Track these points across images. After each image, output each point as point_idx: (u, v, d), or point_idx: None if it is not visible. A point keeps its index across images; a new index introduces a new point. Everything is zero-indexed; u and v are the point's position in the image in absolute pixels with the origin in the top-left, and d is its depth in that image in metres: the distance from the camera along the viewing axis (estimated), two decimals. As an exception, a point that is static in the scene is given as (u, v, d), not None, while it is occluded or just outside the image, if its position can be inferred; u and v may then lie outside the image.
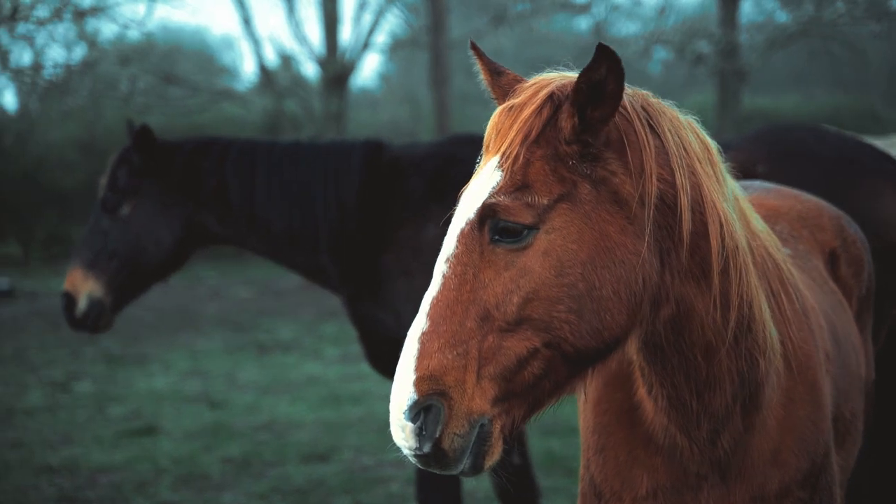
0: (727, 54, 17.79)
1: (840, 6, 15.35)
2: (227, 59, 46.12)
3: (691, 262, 3.02)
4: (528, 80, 3.08)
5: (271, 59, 33.54)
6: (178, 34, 39.22)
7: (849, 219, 4.38)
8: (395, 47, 28.42)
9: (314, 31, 69.77)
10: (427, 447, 2.77)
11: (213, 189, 6.78)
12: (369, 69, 58.39)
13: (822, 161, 5.96)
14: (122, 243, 6.79)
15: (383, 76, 44.77)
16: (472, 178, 3.03)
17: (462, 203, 2.96)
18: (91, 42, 19.09)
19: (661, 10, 19.52)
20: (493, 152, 2.98)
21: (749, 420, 3.23)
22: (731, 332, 3.07)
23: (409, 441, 2.78)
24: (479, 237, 2.89)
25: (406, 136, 24.93)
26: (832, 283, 4.04)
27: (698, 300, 3.04)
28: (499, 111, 3.03)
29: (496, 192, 2.89)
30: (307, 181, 6.68)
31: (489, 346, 2.81)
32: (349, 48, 24.29)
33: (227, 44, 47.78)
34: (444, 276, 2.87)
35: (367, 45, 24.39)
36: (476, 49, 3.17)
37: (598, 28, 20.66)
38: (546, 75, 3.06)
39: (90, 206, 7.21)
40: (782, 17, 18.68)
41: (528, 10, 21.08)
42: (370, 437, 9.77)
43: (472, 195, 2.94)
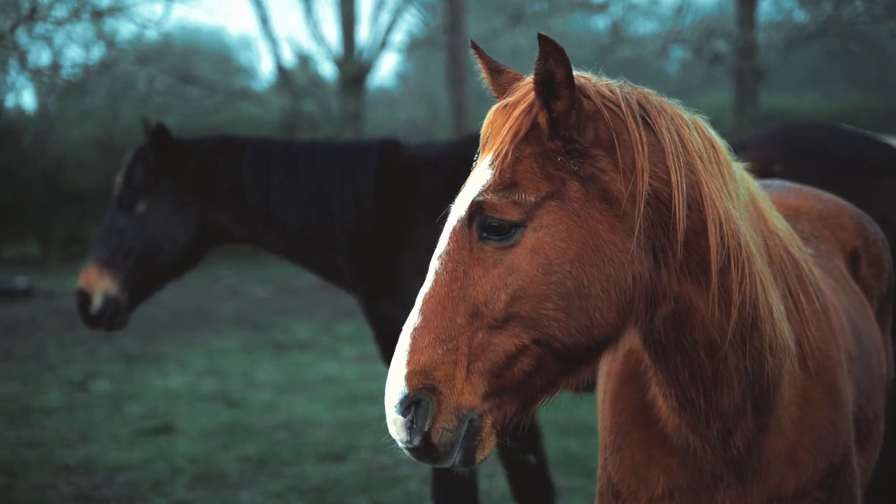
0: (745, 53, 17.72)
1: (859, 5, 15.26)
2: (245, 59, 46.21)
3: (689, 260, 3.01)
4: (526, 79, 3.10)
5: (289, 58, 33.61)
6: (195, 34, 39.31)
7: (869, 218, 4.36)
8: (413, 47, 28.40)
9: (331, 31, 69.84)
10: (417, 440, 2.83)
11: (229, 188, 6.78)
12: (387, 69, 58.43)
13: (839, 160, 5.94)
14: (138, 241, 6.79)
15: (401, 76, 44.79)
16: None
17: (457, 200, 3.00)
18: (109, 42, 19.14)
19: (679, 9, 19.45)
20: (487, 150, 3.01)
21: (762, 420, 3.22)
22: (733, 331, 3.06)
23: (401, 434, 2.85)
24: (469, 234, 2.93)
25: (423, 136, 24.94)
26: (854, 283, 4.02)
27: (699, 298, 3.03)
28: (493, 109, 3.07)
29: (485, 190, 2.92)
30: (323, 181, 6.67)
31: (479, 342, 2.85)
32: (367, 48, 24.27)
33: (245, 44, 47.88)
34: (436, 273, 2.92)
35: (384, 45, 24.37)
36: (476, 48, 3.18)
37: (616, 27, 20.58)
38: None
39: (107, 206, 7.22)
40: (800, 16, 18.60)
41: (545, 9, 21.03)
42: (387, 437, 9.75)
43: (464, 193, 2.98)
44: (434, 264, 2.94)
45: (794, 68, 30.61)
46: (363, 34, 24.96)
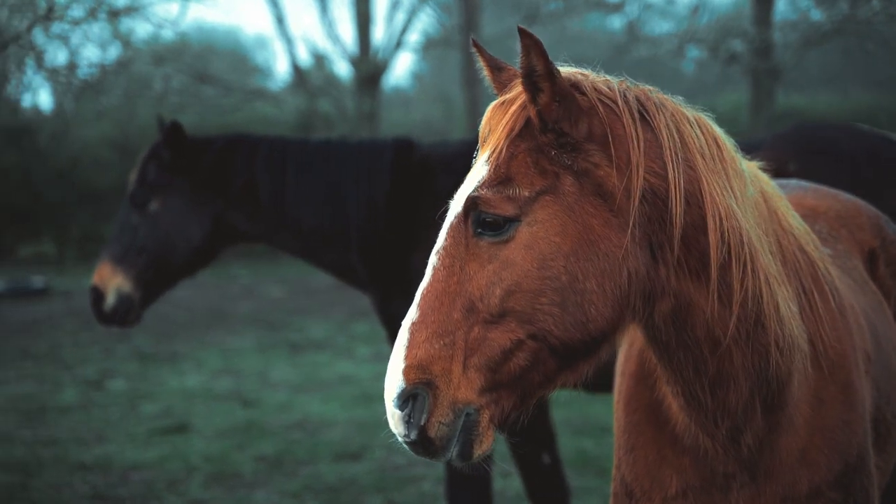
0: (761, 53, 17.67)
1: (875, 4, 15.21)
2: (261, 58, 46.31)
3: (689, 257, 3.01)
4: None
5: (304, 58, 33.65)
6: (211, 34, 39.42)
7: (887, 218, 4.34)
8: (428, 46, 28.41)
9: (347, 31, 69.87)
10: (413, 434, 2.86)
11: (243, 186, 6.78)
12: (402, 68, 58.39)
13: (854, 159, 5.93)
14: (151, 239, 6.80)
15: (416, 75, 44.81)
16: None
17: (455, 196, 3.02)
18: (125, 42, 19.17)
19: (695, 9, 19.41)
20: (485, 147, 3.04)
21: (773, 419, 3.21)
22: (737, 327, 3.05)
23: (398, 428, 2.88)
24: (465, 230, 2.95)
25: (439, 136, 24.92)
26: (872, 284, 4.00)
27: (699, 295, 3.03)
28: (492, 106, 3.10)
29: (480, 186, 2.95)
30: (337, 180, 6.66)
31: (475, 336, 2.87)
32: (382, 47, 24.30)
33: (261, 43, 47.97)
34: (433, 268, 2.95)
35: (399, 45, 24.39)
36: (477, 45, 3.19)
37: (631, 27, 20.55)
38: None
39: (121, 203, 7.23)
40: (817, 15, 18.52)
41: (560, 8, 21.03)
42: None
43: (462, 189, 3.01)
44: (432, 259, 2.97)
45: (810, 68, 30.53)
46: (378, 34, 25.03)
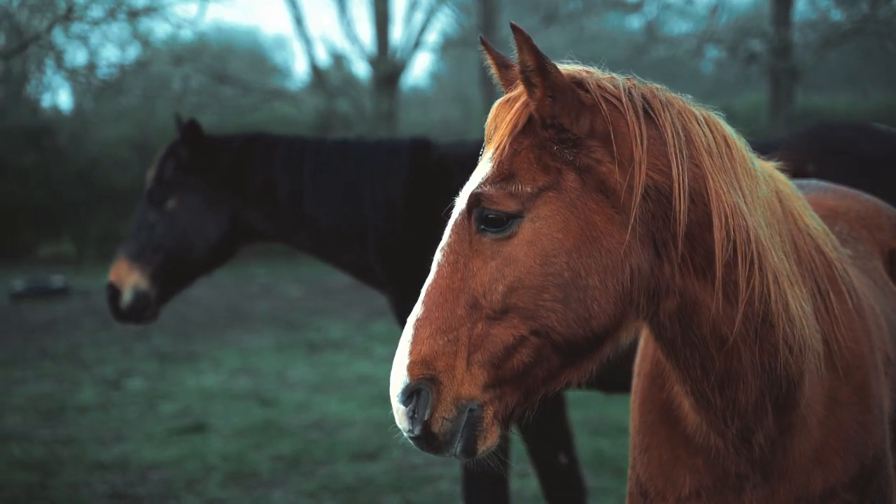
0: (780, 53, 17.61)
1: (895, 4, 15.16)
2: (280, 58, 46.40)
3: (695, 254, 3.01)
4: None
5: (323, 58, 33.67)
6: (230, 34, 39.46)
7: None
8: (447, 46, 28.44)
9: (365, 31, 69.91)
10: (417, 430, 2.88)
11: (261, 186, 6.78)
12: (420, 68, 58.45)
13: (872, 160, 5.91)
14: (168, 237, 6.81)
15: (434, 75, 44.82)
16: None
17: (461, 193, 3.04)
18: (144, 42, 19.23)
19: (714, 9, 19.35)
20: (490, 144, 3.05)
21: (786, 419, 3.19)
22: (744, 325, 3.04)
23: (403, 423, 2.90)
24: (468, 227, 2.97)
25: (457, 136, 24.91)
26: (892, 285, 3.98)
27: (705, 294, 3.03)
28: (497, 104, 3.12)
29: (483, 183, 2.97)
30: (355, 180, 6.66)
31: (478, 333, 2.88)
32: (400, 47, 24.31)
33: (280, 43, 48.09)
34: (438, 265, 2.97)
35: (418, 45, 24.40)
36: (485, 43, 3.20)
37: (650, 27, 20.49)
38: None
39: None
40: (837, 15, 18.44)
41: (579, 8, 20.97)
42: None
43: (467, 186, 3.03)
44: (437, 256, 2.99)
45: (829, 68, 30.42)
46: (397, 34, 25.02)
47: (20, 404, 11.89)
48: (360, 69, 30.86)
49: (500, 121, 3.05)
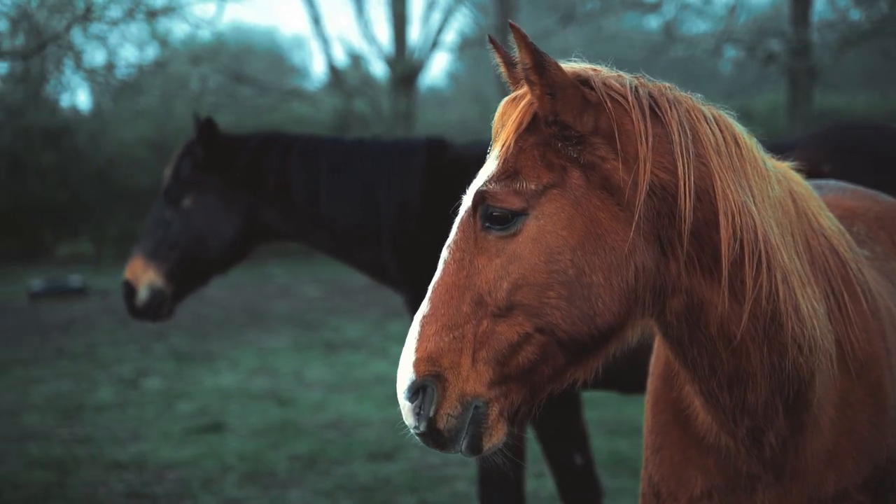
0: (798, 53, 17.55)
1: (915, 4, 15.12)
2: (297, 58, 46.50)
3: (702, 253, 3.00)
4: None
5: (340, 58, 33.69)
6: (248, 34, 39.56)
7: None
8: (464, 46, 28.43)
9: (383, 31, 69.96)
10: (423, 426, 2.88)
11: (277, 185, 6.78)
12: (438, 68, 58.52)
13: (888, 160, 5.89)
14: (183, 235, 6.82)
15: (452, 75, 44.82)
16: None
17: (468, 191, 3.06)
18: (163, 42, 19.28)
19: (732, 9, 19.30)
20: (497, 142, 3.06)
21: (797, 419, 3.18)
22: (752, 324, 3.03)
23: (409, 419, 2.91)
24: (474, 224, 2.98)
25: (475, 136, 24.78)
26: None
27: (713, 293, 3.02)
28: (504, 102, 3.12)
29: (489, 180, 2.98)
30: (371, 179, 6.66)
31: (483, 330, 2.88)
32: (418, 47, 24.33)
33: (298, 44, 48.17)
34: (444, 262, 2.98)
35: (435, 45, 24.41)
36: (493, 41, 3.20)
37: (668, 27, 20.45)
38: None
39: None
40: (856, 15, 18.38)
41: (597, 8, 20.96)
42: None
43: (473, 184, 3.04)
44: (443, 253, 3.00)
45: (848, 68, 30.32)
46: (414, 34, 25.01)
47: (38, 403, 11.94)
48: (378, 69, 30.89)
49: (507, 119, 3.05)
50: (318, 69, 52.31)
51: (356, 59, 28.27)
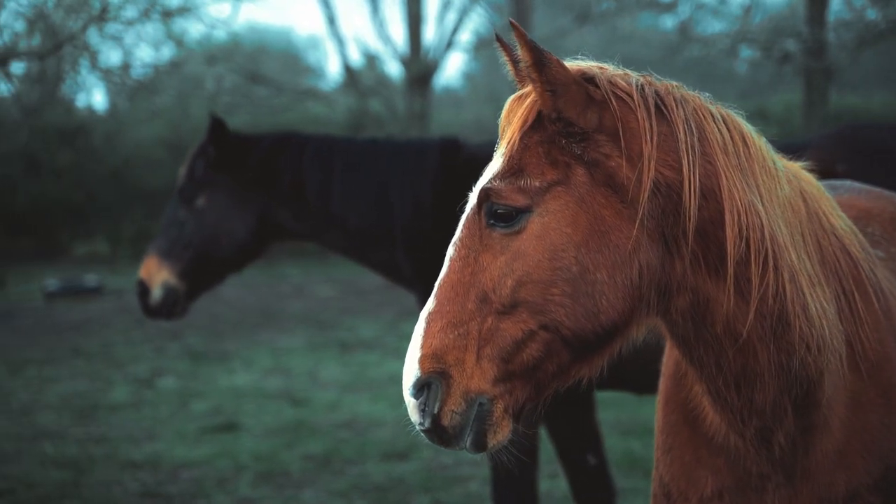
0: (814, 53, 17.49)
1: (933, 3, 15.04)
2: (312, 58, 46.54)
3: (707, 253, 3.00)
4: None
5: (356, 58, 33.73)
6: (264, 34, 39.62)
7: None
8: (479, 46, 28.39)
9: (398, 31, 70.04)
10: (427, 422, 2.90)
11: (290, 185, 6.80)
12: (453, 68, 58.49)
13: None
14: (197, 234, 6.85)
15: (467, 75, 44.81)
16: None
17: (474, 189, 3.07)
18: (178, 42, 19.34)
19: (748, 9, 19.23)
20: (502, 140, 3.08)
21: (806, 419, 3.17)
22: (755, 324, 3.02)
23: (414, 416, 2.93)
24: (479, 221, 2.99)
25: (490, 136, 24.76)
26: None
27: (719, 291, 3.02)
28: (510, 100, 3.13)
29: (493, 178, 3.00)
30: (384, 179, 6.67)
31: (488, 327, 2.90)
32: (433, 47, 24.32)
33: (313, 44, 48.23)
34: (450, 259, 2.99)
35: (450, 45, 24.41)
36: (500, 40, 3.20)
37: (684, 26, 20.39)
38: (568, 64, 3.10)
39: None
40: (872, 14, 18.28)
41: (612, 8, 20.92)
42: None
43: (479, 181, 3.05)
44: (449, 251, 3.01)
45: (864, 67, 30.22)
46: (429, 34, 25.01)
47: (53, 403, 11.97)
48: (393, 69, 30.88)
49: (512, 116, 3.07)
50: (333, 69, 52.34)
51: (371, 59, 28.29)
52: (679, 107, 3.02)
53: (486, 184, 3.00)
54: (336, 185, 6.72)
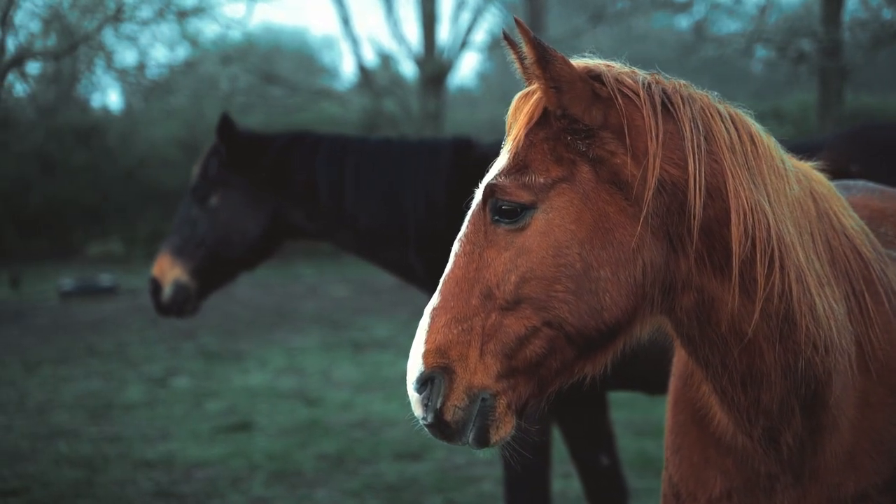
0: (830, 53, 17.44)
1: (949, 3, 14.98)
2: (327, 58, 46.58)
3: (713, 252, 3.00)
4: None
5: (370, 58, 33.75)
6: (278, 35, 39.69)
7: None
8: (494, 46, 28.37)
9: (412, 31, 69.99)
10: (430, 417, 2.91)
11: (302, 184, 6.80)
12: (468, 68, 58.49)
13: None
14: (210, 233, 6.87)
15: (482, 75, 44.80)
16: None
17: (480, 185, 3.07)
18: (193, 42, 19.35)
19: (763, 8, 19.19)
20: (509, 136, 3.09)
21: (815, 420, 3.15)
22: (766, 323, 3.01)
23: (417, 411, 2.94)
24: (484, 217, 3.00)
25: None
26: None
27: (724, 290, 3.01)
28: (517, 97, 3.14)
29: (499, 174, 3.00)
30: (396, 179, 6.67)
31: (492, 323, 2.90)
32: (447, 47, 24.31)
33: (327, 44, 48.25)
34: (455, 255, 3.01)
35: (465, 44, 24.39)
36: (507, 38, 3.19)
37: (699, 26, 20.36)
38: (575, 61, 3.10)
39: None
40: (888, 13, 18.21)
41: (627, 8, 20.91)
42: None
43: (485, 178, 3.05)
44: (455, 246, 3.02)
45: (880, 67, 30.13)
46: (444, 34, 25.01)
47: (68, 402, 12.00)
48: (407, 69, 30.91)
49: (519, 113, 3.07)
50: (347, 69, 52.36)
51: (385, 59, 28.32)
52: (686, 105, 3.01)
53: (492, 180, 3.00)
54: (349, 184, 6.72)
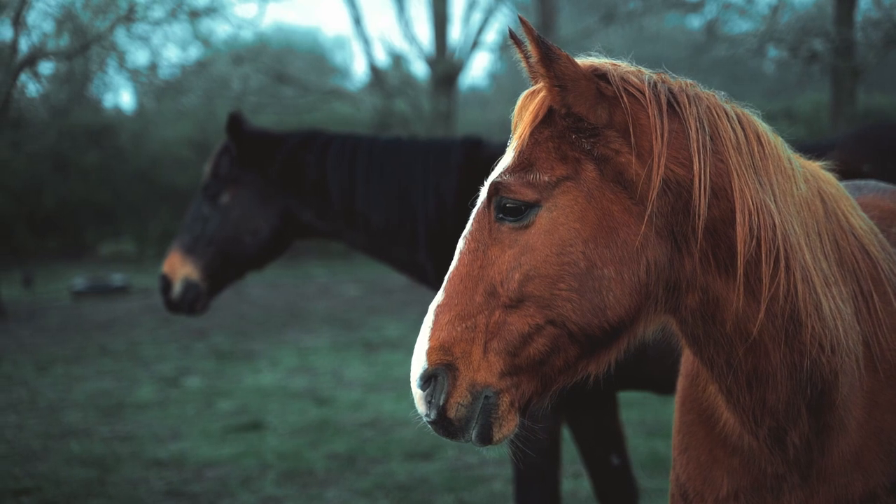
0: (842, 52, 17.40)
1: (962, 2, 14.93)
2: (339, 59, 46.62)
3: (718, 251, 3.00)
4: None
5: (381, 58, 33.78)
6: (290, 35, 39.75)
7: None
8: (505, 46, 28.37)
9: (424, 31, 70.10)
10: (433, 414, 2.92)
11: (313, 183, 6.81)
12: (479, 68, 58.50)
13: None
14: (220, 231, 6.88)
15: (493, 75, 44.79)
16: None
17: (485, 183, 3.07)
18: (205, 42, 19.38)
19: (775, 8, 19.15)
20: (514, 135, 3.09)
21: (821, 420, 3.15)
22: (765, 323, 3.01)
23: (420, 407, 2.95)
24: (488, 215, 3.00)
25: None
26: None
27: (729, 290, 3.01)
28: (522, 96, 3.14)
29: (503, 172, 3.01)
30: (406, 178, 6.67)
31: (496, 320, 2.91)
32: (459, 47, 24.32)
33: (339, 44, 48.31)
34: (460, 252, 3.01)
35: (476, 44, 24.39)
36: (514, 36, 3.20)
37: (711, 26, 20.33)
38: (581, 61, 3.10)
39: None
40: (901, 13, 18.16)
41: (638, 8, 20.87)
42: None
43: (490, 176, 3.06)
44: (459, 244, 3.03)
45: (893, 67, 30.05)
46: (455, 34, 25.08)
47: (80, 401, 12.03)
48: (419, 69, 30.93)
49: (524, 112, 3.08)
50: (359, 69, 52.42)
51: (397, 59, 28.33)
52: (692, 104, 3.01)
53: (496, 178, 3.00)
54: (359, 183, 6.73)
